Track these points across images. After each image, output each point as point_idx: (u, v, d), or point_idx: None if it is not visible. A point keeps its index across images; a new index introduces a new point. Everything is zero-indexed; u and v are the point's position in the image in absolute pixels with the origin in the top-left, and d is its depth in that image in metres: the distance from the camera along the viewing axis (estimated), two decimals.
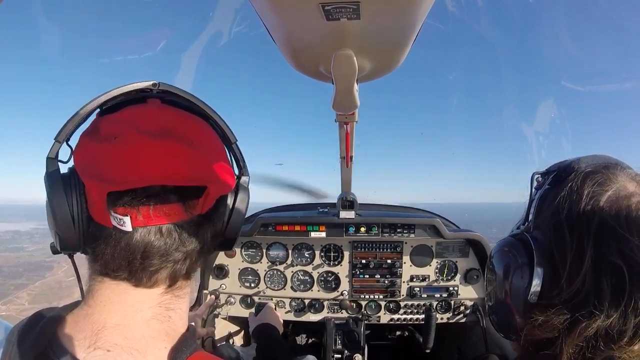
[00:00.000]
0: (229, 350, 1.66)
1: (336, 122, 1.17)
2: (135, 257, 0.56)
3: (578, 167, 0.66)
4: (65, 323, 0.58)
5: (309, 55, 0.68)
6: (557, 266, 0.60)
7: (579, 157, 0.69)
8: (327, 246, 2.14)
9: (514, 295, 0.66)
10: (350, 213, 2.01)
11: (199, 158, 0.59)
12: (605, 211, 0.59)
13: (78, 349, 0.54)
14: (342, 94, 0.76)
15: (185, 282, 0.64)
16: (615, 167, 0.65)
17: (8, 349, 0.56)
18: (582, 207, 0.60)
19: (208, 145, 0.63)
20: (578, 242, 0.59)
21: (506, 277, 0.68)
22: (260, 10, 0.57)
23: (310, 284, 2.16)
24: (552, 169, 0.71)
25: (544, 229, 0.66)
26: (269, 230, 2.08)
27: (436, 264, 2.11)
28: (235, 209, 0.67)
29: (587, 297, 0.56)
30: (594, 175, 0.63)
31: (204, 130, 0.65)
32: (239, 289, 2.17)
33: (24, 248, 39.23)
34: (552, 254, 0.62)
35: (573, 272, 0.58)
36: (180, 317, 0.62)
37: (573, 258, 0.58)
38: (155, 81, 0.62)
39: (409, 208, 2.49)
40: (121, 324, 0.56)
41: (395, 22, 0.57)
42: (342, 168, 1.76)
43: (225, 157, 0.68)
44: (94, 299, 0.58)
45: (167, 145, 0.56)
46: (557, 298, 0.59)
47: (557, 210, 0.63)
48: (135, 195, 0.54)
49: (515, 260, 0.66)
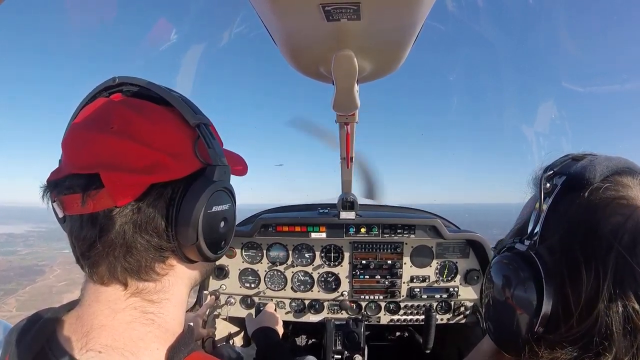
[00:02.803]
0: (229, 350, 1.66)
1: (336, 123, 1.17)
2: (75, 247, 0.57)
3: (593, 177, 0.57)
4: (62, 323, 0.59)
5: (309, 56, 0.68)
6: (569, 300, 0.54)
7: (592, 157, 0.61)
8: (328, 247, 2.14)
9: (519, 320, 0.59)
10: (350, 214, 2.01)
11: (99, 143, 0.54)
12: (627, 244, 0.51)
13: (74, 350, 0.55)
14: (342, 94, 0.76)
15: (151, 284, 0.58)
16: (631, 174, 0.57)
17: (7, 349, 0.57)
18: (601, 235, 0.53)
19: (131, 129, 0.55)
20: (595, 278, 0.52)
21: (510, 299, 0.61)
22: (261, 12, 0.57)
23: (311, 285, 2.16)
24: (561, 171, 0.61)
25: (553, 250, 0.58)
26: (269, 231, 2.08)
27: (436, 264, 2.11)
28: (183, 206, 0.56)
29: (598, 339, 0.51)
30: (615, 193, 0.55)
31: (145, 117, 0.57)
32: (239, 289, 2.17)
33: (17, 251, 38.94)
34: (564, 284, 0.55)
35: (585, 310, 0.52)
36: (167, 319, 0.60)
37: (588, 295, 0.52)
38: (115, 76, 0.62)
39: (409, 209, 2.49)
40: (106, 325, 0.56)
41: (396, 23, 0.57)
42: (343, 169, 1.76)
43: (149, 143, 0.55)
44: (83, 298, 0.59)
45: (78, 133, 0.58)
46: (566, 335, 0.53)
47: (569, 232, 0.56)
48: (56, 184, 0.56)
49: (522, 284, 0.58)
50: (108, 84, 0.62)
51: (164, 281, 0.60)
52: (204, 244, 0.57)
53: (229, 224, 0.63)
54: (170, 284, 0.61)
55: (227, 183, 0.61)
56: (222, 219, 0.61)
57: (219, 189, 0.59)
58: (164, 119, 0.59)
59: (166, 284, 0.60)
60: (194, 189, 0.56)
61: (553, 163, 0.64)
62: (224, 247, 0.64)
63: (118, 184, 0.53)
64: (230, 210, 0.63)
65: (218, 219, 0.60)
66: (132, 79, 0.61)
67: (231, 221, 0.64)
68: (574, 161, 0.62)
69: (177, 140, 0.58)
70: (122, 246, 0.54)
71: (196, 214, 0.55)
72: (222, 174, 0.60)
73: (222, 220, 0.61)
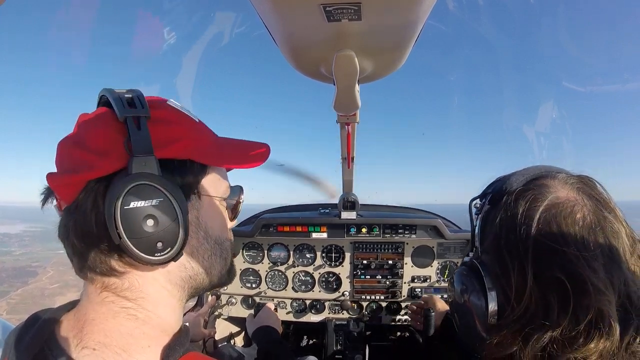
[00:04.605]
0: (230, 350, 1.66)
1: (337, 123, 1.17)
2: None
3: (509, 187, 0.69)
4: (60, 322, 0.59)
5: (310, 56, 0.68)
6: (505, 287, 0.65)
7: (512, 173, 0.72)
8: (329, 247, 2.14)
9: (478, 320, 0.70)
10: (351, 214, 2.01)
11: (58, 151, 0.61)
12: (540, 229, 0.62)
13: (71, 348, 0.55)
14: (343, 94, 0.76)
15: (117, 280, 0.58)
16: (545, 177, 0.68)
17: (7, 351, 0.58)
18: (517, 228, 0.64)
19: (77, 136, 0.60)
20: (519, 263, 0.62)
21: (468, 304, 0.72)
22: (262, 12, 0.58)
23: (312, 285, 2.16)
24: (487, 191, 0.75)
25: (490, 253, 0.70)
26: (270, 231, 2.09)
27: (437, 264, 2.11)
28: (105, 203, 0.53)
29: (536, 312, 0.60)
30: (525, 194, 0.66)
31: (90, 122, 0.60)
32: (240, 289, 2.17)
33: (11, 252, 38.61)
34: (499, 278, 0.66)
35: (519, 291, 0.62)
36: (152, 317, 0.60)
37: (517, 278, 0.63)
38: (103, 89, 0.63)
39: (410, 209, 2.49)
40: (95, 318, 0.57)
41: (397, 23, 0.57)
42: (344, 169, 1.76)
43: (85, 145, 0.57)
44: (81, 295, 0.61)
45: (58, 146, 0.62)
46: (511, 316, 0.63)
47: (496, 234, 0.68)
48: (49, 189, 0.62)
49: (473, 288, 0.70)
50: (99, 97, 0.64)
51: (130, 278, 0.59)
52: (130, 244, 0.53)
53: (160, 223, 0.55)
54: (139, 282, 0.59)
55: (151, 176, 0.55)
56: (146, 217, 0.54)
57: (138, 182, 0.53)
58: (100, 119, 0.59)
59: (134, 282, 0.59)
60: (112, 184, 0.54)
61: (486, 188, 0.77)
62: (164, 249, 0.56)
63: (55, 185, 0.58)
64: (161, 207, 0.55)
65: (139, 216, 0.54)
66: (106, 90, 0.61)
67: (164, 219, 0.55)
68: (498, 181, 0.74)
69: (105, 138, 0.57)
70: (72, 244, 0.57)
71: (110, 210, 0.52)
72: (141, 165, 0.54)
73: (146, 218, 0.54)
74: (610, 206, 0.65)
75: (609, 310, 0.56)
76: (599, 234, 0.61)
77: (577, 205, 0.63)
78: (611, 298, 0.57)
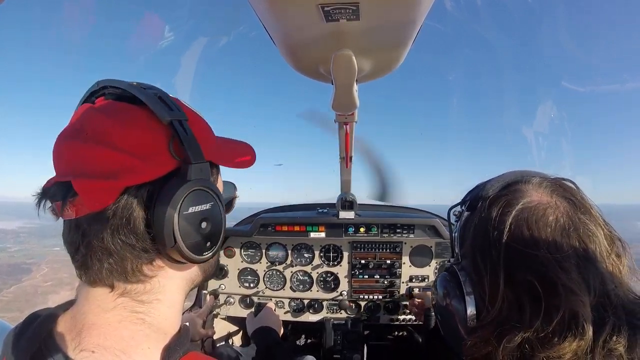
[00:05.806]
0: (228, 350, 1.66)
1: (336, 122, 1.18)
2: (68, 249, 0.58)
3: (485, 194, 0.71)
4: (58, 323, 0.59)
5: (308, 56, 0.69)
6: (480, 291, 0.67)
7: (489, 180, 0.74)
8: (327, 246, 2.14)
9: (460, 323, 0.72)
10: (349, 213, 2.01)
11: (72, 151, 0.56)
12: (512, 233, 0.64)
13: (68, 349, 0.55)
14: (341, 94, 0.77)
15: (140, 286, 0.58)
16: (520, 182, 0.69)
17: (5, 350, 0.57)
18: (490, 234, 0.66)
19: (102, 134, 0.55)
20: (492, 268, 0.65)
21: (450, 308, 0.74)
22: (260, 12, 0.58)
23: (310, 284, 2.16)
24: (466, 198, 0.77)
25: (467, 258, 0.72)
26: (268, 231, 2.08)
27: (435, 264, 2.11)
28: (157, 208, 0.54)
29: (509, 314, 0.62)
30: (499, 199, 0.68)
31: (117, 120, 0.56)
32: (238, 289, 2.17)
33: (6, 248, 38.21)
34: (474, 281, 0.69)
35: (493, 294, 0.64)
36: (158, 319, 0.60)
37: (490, 282, 0.65)
38: (99, 80, 0.61)
39: (408, 208, 2.49)
40: (96, 323, 0.56)
41: (395, 23, 0.57)
42: (342, 168, 1.76)
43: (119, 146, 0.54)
44: (77, 298, 0.60)
45: (58, 142, 0.59)
46: (487, 319, 0.65)
47: (472, 239, 0.71)
48: (45, 192, 0.58)
49: (453, 293, 0.72)
50: (93, 89, 0.62)
51: (153, 282, 0.60)
52: (184, 247, 0.56)
53: (212, 224, 0.60)
54: (161, 284, 0.61)
55: (205, 182, 0.58)
56: (202, 220, 0.58)
57: (194, 188, 0.56)
58: (136, 119, 0.57)
59: (156, 284, 0.60)
60: (166, 190, 0.55)
61: (465, 195, 0.79)
62: (210, 247, 0.61)
63: (88, 191, 0.53)
64: (213, 210, 0.60)
65: (196, 219, 0.58)
66: (113, 81, 0.60)
67: (215, 220, 0.61)
68: (476, 188, 0.76)
69: (148, 141, 0.56)
70: (103, 250, 0.55)
71: (169, 216, 0.54)
72: (198, 172, 0.57)
73: (202, 221, 0.58)
74: (586, 207, 0.66)
75: (582, 310, 0.57)
76: (573, 235, 0.62)
77: (549, 208, 0.64)
78: (584, 298, 0.58)
